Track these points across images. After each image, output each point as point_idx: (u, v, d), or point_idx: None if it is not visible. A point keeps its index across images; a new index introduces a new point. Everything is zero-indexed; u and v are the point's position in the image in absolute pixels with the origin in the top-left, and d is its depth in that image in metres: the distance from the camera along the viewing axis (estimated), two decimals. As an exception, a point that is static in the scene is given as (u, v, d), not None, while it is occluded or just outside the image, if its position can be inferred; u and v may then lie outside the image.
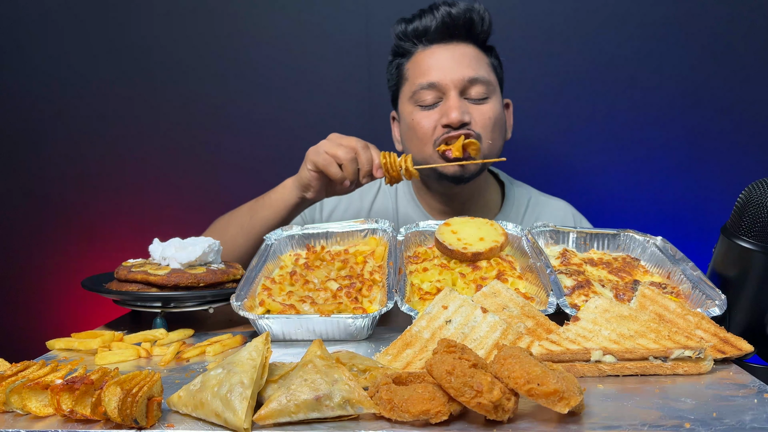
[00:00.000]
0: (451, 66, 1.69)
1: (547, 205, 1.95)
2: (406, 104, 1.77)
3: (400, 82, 1.80)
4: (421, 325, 1.06)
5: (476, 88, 1.69)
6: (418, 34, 1.74)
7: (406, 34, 1.76)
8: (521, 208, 1.92)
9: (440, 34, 1.72)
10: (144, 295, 1.25)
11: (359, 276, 1.35)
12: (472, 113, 1.68)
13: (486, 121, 1.69)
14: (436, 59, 1.71)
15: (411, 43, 1.76)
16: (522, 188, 1.98)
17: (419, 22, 1.73)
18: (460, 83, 1.68)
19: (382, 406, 0.80)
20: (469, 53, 1.72)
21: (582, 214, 1.98)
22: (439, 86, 1.68)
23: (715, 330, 1.06)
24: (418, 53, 1.75)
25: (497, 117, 1.72)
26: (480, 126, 1.68)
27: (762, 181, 1.15)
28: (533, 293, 1.25)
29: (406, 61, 1.78)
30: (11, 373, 0.90)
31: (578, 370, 0.98)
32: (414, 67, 1.75)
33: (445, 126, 1.66)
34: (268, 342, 0.88)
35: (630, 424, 0.79)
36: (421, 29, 1.73)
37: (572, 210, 1.97)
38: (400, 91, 1.81)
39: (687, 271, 1.28)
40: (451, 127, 1.65)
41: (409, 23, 1.75)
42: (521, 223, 1.87)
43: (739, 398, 0.88)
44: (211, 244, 1.38)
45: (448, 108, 1.66)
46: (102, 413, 0.79)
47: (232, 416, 0.78)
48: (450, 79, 1.67)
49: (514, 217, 1.90)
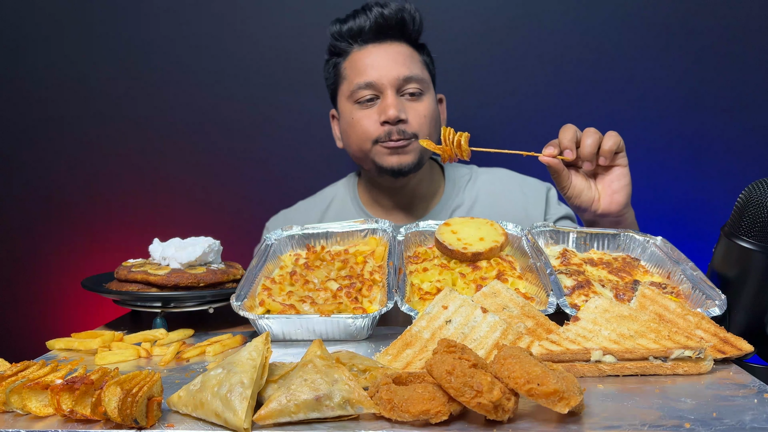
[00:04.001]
0: (387, 65, 1.76)
1: (487, 172, 2.02)
2: (345, 103, 1.82)
3: (338, 80, 1.86)
4: (421, 325, 1.06)
5: (411, 86, 1.77)
6: (353, 34, 1.80)
7: (342, 34, 1.81)
8: (462, 185, 1.98)
9: (374, 34, 1.79)
10: (144, 295, 1.25)
11: (359, 276, 1.35)
12: (408, 111, 1.75)
13: (422, 119, 1.77)
14: (371, 59, 1.77)
15: (346, 42, 1.82)
16: (463, 168, 2.04)
17: (353, 22, 1.79)
18: (395, 82, 1.75)
19: (382, 406, 0.80)
20: (403, 52, 1.80)
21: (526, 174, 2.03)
22: (376, 86, 1.75)
23: (715, 330, 1.06)
24: (354, 53, 1.81)
25: (431, 113, 1.80)
26: (416, 123, 1.76)
27: (762, 181, 1.15)
28: (533, 293, 1.25)
29: (342, 60, 1.84)
30: (11, 373, 0.90)
31: (578, 370, 0.98)
32: (351, 66, 1.80)
33: (384, 123, 1.73)
34: (268, 342, 0.88)
35: (630, 424, 0.79)
36: (356, 29, 1.79)
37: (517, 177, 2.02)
38: (339, 90, 1.86)
39: (687, 271, 1.28)
40: (390, 123, 1.73)
41: (343, 24, 1.81)
42: (464, 198, 1.95)
43: (739, 398, 0.87)
44: (211, 244, 1.38)
45: (386, 106, 1.73)
46: (102, 413, 0.79)
47: (232, 416, 0.78)
48: (387, 79, 1.74)
49: (456, 194, 1.96)
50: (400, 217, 1.93)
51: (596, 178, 1.55)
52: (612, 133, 1.49)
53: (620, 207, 1.52)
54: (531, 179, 2.01)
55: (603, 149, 1.47)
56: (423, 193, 1.93)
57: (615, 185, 1.51)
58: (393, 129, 1.73)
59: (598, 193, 1.53)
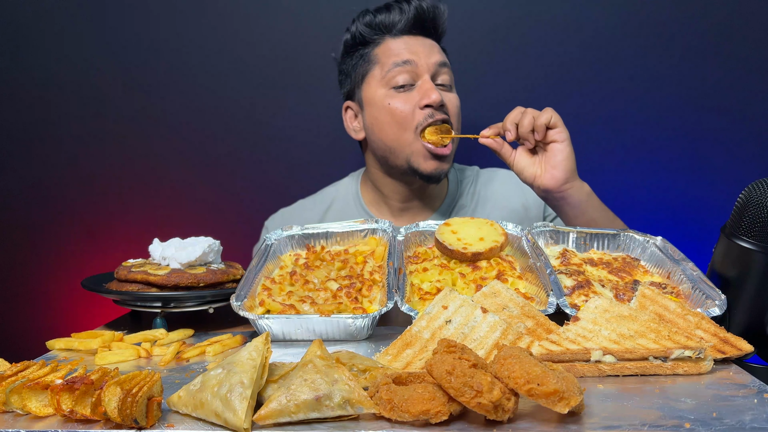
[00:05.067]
0: (423, 50, 1.76)
1: (487, 173, 2.03)
2: (377, 88, 1.78)
3: (368, 67, 1.81)
4: (421, 325, 1.06)
5: (444, 75, 1.78)
6: (386, 26, 1.79)
7: (375, 24, 1.80)
8: (465, 186, 1.99)
9: (410, 26, 1.79)
10: (144, 295, 1.25)
11: (359, 276, 1.35)
12: (444, 98, 1.74)
13: (455, 109, 1.78)
14: (408, 45, 1.77)
15: (379, 32, 1.80)
16: (466, 169, 2.05)
17: (387, 15, 1.79)
18: (433, 66, 1.75)
19: (382, 406, 0.80)
20: (435, 44, 1.82)
21: None
22: (415, 65, 1.74)
23: (715, 330, 1.06)
24: (388, 41, 1.80)
25: (459, 107, 1.82)
26: (451, 113, 1.76)
27: (762, 181, 1.15)
28: (533, 293, 1.25)
29: (372, 48, 1.81)
30: (11, 373, 0.90)
31: (578, 370, 0.98)
32: (385, 51, 1.79)
33: (426, 107, 1.70)
34: (268, 342, 0.88)
35: (630, 424, 0.79)
36: (389, 21, 1.79)
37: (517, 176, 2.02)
38: (369, 75, 1.81)
39: (687, 271, 1.28)
40: (432, 107, 1.70)
41: (376, 14, 1.80)
42: (467, 200, 1.96)
43: (739, 398, 0.88)
44: (211, 244, 1.38)
45: (428, 89, 1.71)
46: (102, 413, 0.79)
47: (232, 416, 0.78)
48: (424, 62, 1.74)
49: (459, 196, 1.96)
50: (405, 219, 1.91)
51: (540, 156, 1.59)
52: (547, 109, 1.55)
53: (559, 182, 1.55)
54: None
55: (536, 124, 1.53)
56: (429, 194, 1.92)
57: (552, 161, 1.55)
58: (435, 113, 1.71)
59: (540, 170, 1.58)
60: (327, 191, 2.05)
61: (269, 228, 2.03)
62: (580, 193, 1.58)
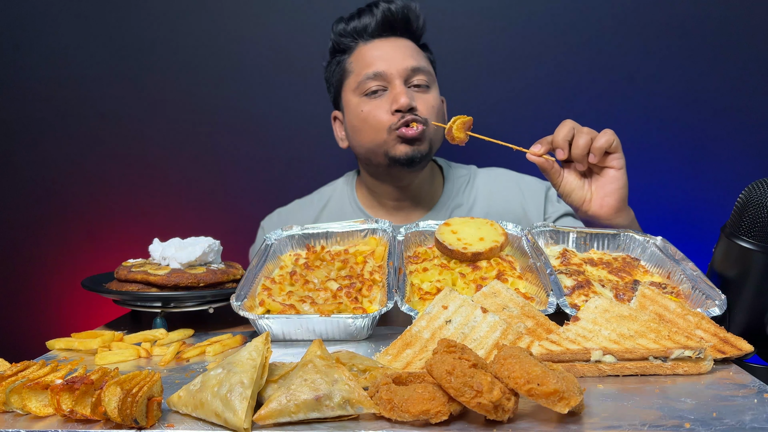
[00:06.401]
0: (394, 56, 1.76)
1: (485, 172, 2.02)
2: (351, 97, 1.81)
3: (343, 76, 1.85)
4: (421, 325, 1.06)
5: (419, 77, 1.77)
6: (358, 31, 1.80)
7: (347, 31, 1.82)
8: (461, 185, 1.98)
9: (380, 29, 1.79)
10: (144, 295, 1.25)
11: (359, 276, 1.35)
12: (416, 100, 1.74)
13: (431, 109, 1.77)
14: (379, 51, 1.78)
15: (351, 39, 1.82)
16: (462, 168, 2.04)
17: (359, 20, 1.80)
18: (404, 72, 1.75)
19: (382, 406, 0.80)
20: (409, 45, 1.81)
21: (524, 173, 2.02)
22: (385, 75, 1.75)
23: (715, 330, 1.06)
24: (360, 47, 1.81)
25: (438, 106, 1.81)
26: (426, 112, 1.75)
27: (762, 181, 1.15)
28: (533, 293, 1.25)
29: (347, 56, 1.83)
30: (11, 373, 0.90)
31: (578, 370, 0.98)
32: (358, 59, 1.80)
33: (396, 111, 1.72)
34: (268, 342, 0.88)
35: (630, 424, 0.79)
36: (361, 26, 1.80)
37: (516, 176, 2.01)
38: (344, 85, 1.84)
39: (687, 271, 1.28)
40: (401, 111, 1.71)
41: (348, 21, 1.82)
42: (464, 199, 1.94)
43: (739, 398, 0.87)
44: (211, 244, 1.38)
45: (397, 94, 1.72)
46: (102, 413, 0.79)
47: (232, 416, 0.78)
48: (395, 69, 1.74)
49: (455, 195, 1.95)
50: (400, 218, 1.93)
51: (591, 179, 1.51)
52: (607, 131, 1.44)
53: (611, 211, 1.47)
54: (529, 178, 2.01)
55: (593, 147, 1.42)
56: (423, 193, 1.93)
57: (607, 188, 1.46)
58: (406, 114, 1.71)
59: (591, 194, 1.49)
60: (323, 191, 2.06)
61: (266, 228, 2.03)
62: (626, 220, 1.51)
